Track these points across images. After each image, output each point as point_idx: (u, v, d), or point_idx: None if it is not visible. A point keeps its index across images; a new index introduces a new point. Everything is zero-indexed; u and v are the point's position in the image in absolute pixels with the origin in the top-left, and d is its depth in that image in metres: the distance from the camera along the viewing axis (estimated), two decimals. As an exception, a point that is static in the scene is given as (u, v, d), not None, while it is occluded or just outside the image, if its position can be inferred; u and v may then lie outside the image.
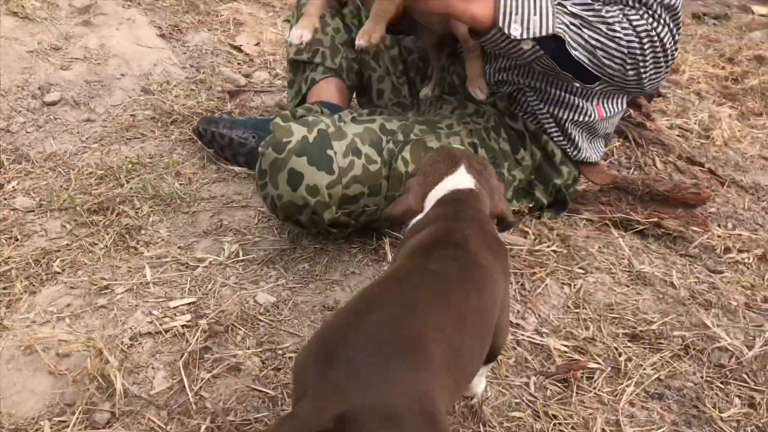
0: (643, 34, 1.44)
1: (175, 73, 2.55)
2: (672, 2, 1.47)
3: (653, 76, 1.50)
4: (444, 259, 1.02)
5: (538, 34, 1.37)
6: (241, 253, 1.63)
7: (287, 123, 1.50)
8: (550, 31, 1.37)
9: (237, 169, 2.01)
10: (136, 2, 2.91)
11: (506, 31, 1.37)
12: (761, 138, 2.57)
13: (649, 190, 1.89)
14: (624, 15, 1.45)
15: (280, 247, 1.67)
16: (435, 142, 1.61)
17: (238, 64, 2.77)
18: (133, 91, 2.40)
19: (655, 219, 1.84)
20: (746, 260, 1.80)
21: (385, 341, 0.84)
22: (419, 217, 1.21)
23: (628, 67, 1.46)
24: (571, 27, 1.40)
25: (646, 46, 1.45)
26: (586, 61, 1.43)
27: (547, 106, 1.71)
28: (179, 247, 1.66)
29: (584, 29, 1.41)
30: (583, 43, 1.41)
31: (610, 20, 1.43)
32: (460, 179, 1.21)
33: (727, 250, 1.83)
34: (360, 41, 1.42)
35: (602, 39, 1.42)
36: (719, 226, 1.95)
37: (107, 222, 1.73)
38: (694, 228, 1.88)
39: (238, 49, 2.87)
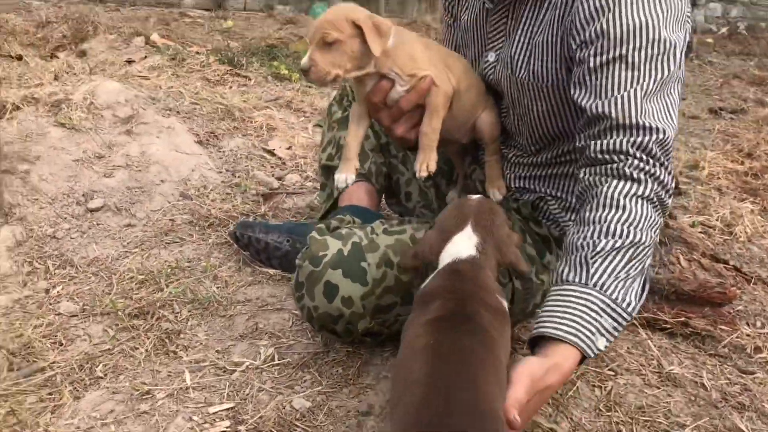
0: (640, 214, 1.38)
1: (211, 178, 2.68)
2: (661, 137, 1.41)
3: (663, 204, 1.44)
4: (468, 334, 1.16)
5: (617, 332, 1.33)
6: (276, 356, 1.68)
7: (323, 237, 1.57)
8: (627, 317, 1.33)
9: (271, 271, 2.08)
10: (175, 111, 3.08)
11: (596, 351, 1.31)
12: (785, 233, 2.60)
13: (675, 290, 1.92)
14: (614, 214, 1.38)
15: (314, 351, 1.71)
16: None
17: (271, 167, 2.90)
18: (171, 196, 2.51)
19: (683, 318, 1.86)
20: (777, 360, 1.81)
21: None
22: (427, 282, 1.32)
23: (652, 233, 1.38)
24: (622, 288, 1.34)
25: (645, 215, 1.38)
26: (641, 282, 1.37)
27: (569, 214, 1.77)
28: (217, 351, 1.71)
29: (630, 271, 1.35)
30: (636, 280, 1.35)
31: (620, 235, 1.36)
32: (464, 245, 1.34)
33: (758, 349, 1.84)
34: (421, 173, 1.56)
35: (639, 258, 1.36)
36: (748, 324, 1.96)
37: (147, 326, 1.79)
38: (723, 327, 1.89)
39: (271, 153, 3.00)
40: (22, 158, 2.47)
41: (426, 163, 1.56)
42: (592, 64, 1.45)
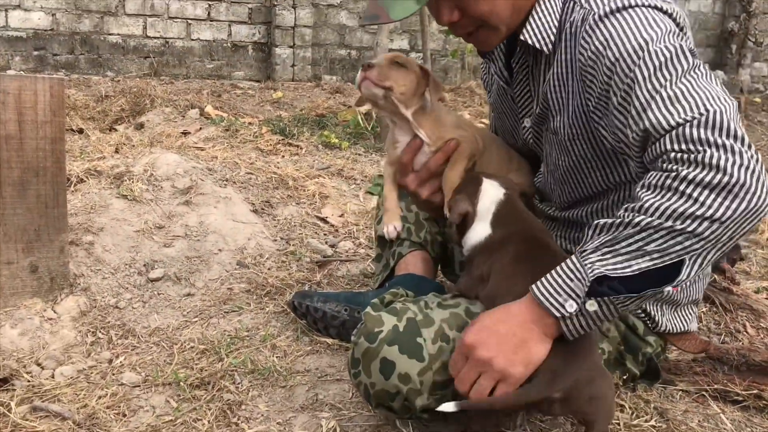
0: (653, 200, 1.31)
1: (267, 246, 2.72)
2: (704, 119, 1.30)
3: (728, 205, 1.26)
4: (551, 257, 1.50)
5: (582, 296, 1.35)
6: (338, 429, 1.67)
7: (378, 312, 1.57)
8: (588, 282, 1.34)
9: (329, 341, 2.08)
10: (231, 181, 3.15)
11: (560, 310, 1.38)
12: None
13: (745, 360, 1.86)
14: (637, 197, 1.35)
15: (375, 423, 1.69)
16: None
17: (324, 235, 2.93)
18: (229, 264, 2.55)
19: (756, 390, 1.80)
20: None
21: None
22: (480, 238, 1.60)
23: (687, 225, 1.28)
24: (603, 259, 1.35)
25: (670, 202, 1.29)
26: (648, 263, 1.32)
27: None
28: (278, 423, 1.70)
29: (616, 246, 1.34)
30: (624, 258, 1.33)
31: (633, 216, 1.33)
32: (493, 190, 1.63)
33: (836, 423, 1.76)
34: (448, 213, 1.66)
35: (637, 238, 1.32)
36: (824, 396, 1.88)
37: (209, 397, 1.80)
38: (798, 399, 1.82)
39: (324, 220, 3.04)
40: (86, 229, 2.55)
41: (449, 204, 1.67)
42: (616, 103, 1.45)
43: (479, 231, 1.62)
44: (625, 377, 1.80)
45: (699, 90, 1.35)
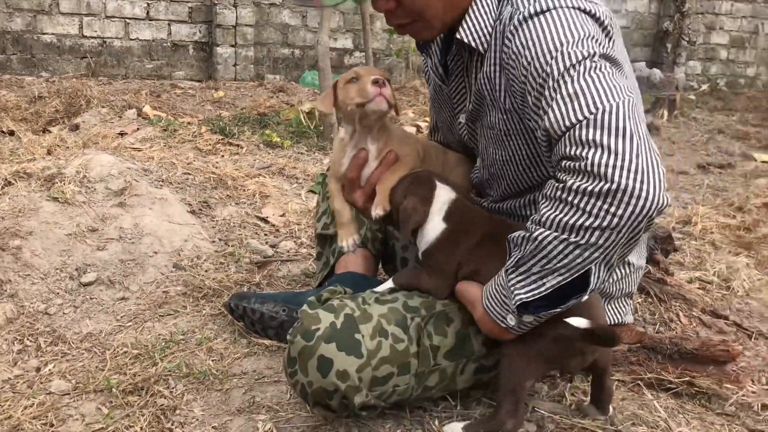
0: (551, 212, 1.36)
1: (204, 248, 2.66)
2: (598, 115, 1.32)
3: (619, 206, 1.28)
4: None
5: (516, 312, 1.45)
6: (275, 431, 1.63)
7: (314, 310, 1.55)
8: (514, 307, 1.43)
9: (267, 342, 2.05)
10: (167, 182, 3.08)
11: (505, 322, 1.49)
12: (782, 287, 2.59)
13: (677, 349, 1.89)
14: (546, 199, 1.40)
15: (313, 424, 1.67)
16: (457, 313, 1.65)
17: (265, 235, 2.89)
18: (165, 267, 2.49)
19: (688, 378, 1.83)
20: (786, 417, 1.77)
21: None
22: (437, 233, 1.63)
23: (580, 238, 1.32)
24: (521, 281, 1.42)
25: (560, 209, 1.34)
26: (558, 279, 1.38)
27: None
28: (213, 427, 1.66)
29: (528, 264, 1.40)
30: (536, 277, 1.40)
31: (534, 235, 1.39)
32: (445, 193, 1.66)
33: (765, 407, 1.81)
34: (377, 212, 1.67)
35: (541, 255, 1.38)
36: (753, 381, 1.93)
37: (142, 403, 1.75)
38: (728, 385, 1.86)
39: (265, 220, 3.00)
40: (13, 234, 2.45)
41: (381, 204, 1.68)
42: (531, 102, 1.49)
43: (434, 226, 1.64)
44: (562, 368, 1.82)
45: (597, 87, 1.36)
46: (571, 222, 1.32)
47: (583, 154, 1.31)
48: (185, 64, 7.30)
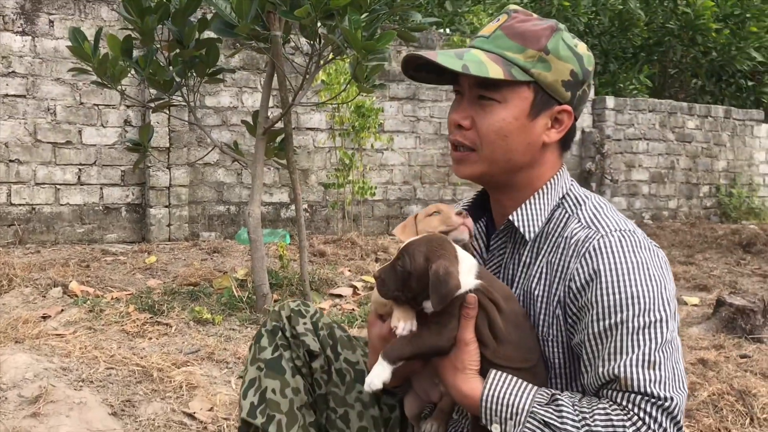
0: None
1: (125, 458, 2.49)
2: (668, 405, 1.39)
3: None
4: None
5: None
6: None
7: None
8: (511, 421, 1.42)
9: None
10: (88, 381, 2.93)
11: (489, 427, 1.45)
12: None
13: None
14: (607, 414, 1.42)
15: None
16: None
17: (192, 434, 2.73)
18: (79, 488, 2.30)
19: None
20: None
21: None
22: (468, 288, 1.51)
23: None
24: (537, 425, 1.41)
25: None
26: None
27: None
28: None
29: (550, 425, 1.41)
30: None
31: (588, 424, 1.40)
32: (464, 252, 1.56)
33: None
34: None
35: None
36: None
37: None
38: None
39: (192, 416, 2.85)
40: None
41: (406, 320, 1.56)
42: (592, 330, 1.47)
43: (465, 284, 1.51)
44: None
45: (672, 368, 1.42)
46: None
47: (653, 426, 1.38)
48: (118, 227, 7.22)
